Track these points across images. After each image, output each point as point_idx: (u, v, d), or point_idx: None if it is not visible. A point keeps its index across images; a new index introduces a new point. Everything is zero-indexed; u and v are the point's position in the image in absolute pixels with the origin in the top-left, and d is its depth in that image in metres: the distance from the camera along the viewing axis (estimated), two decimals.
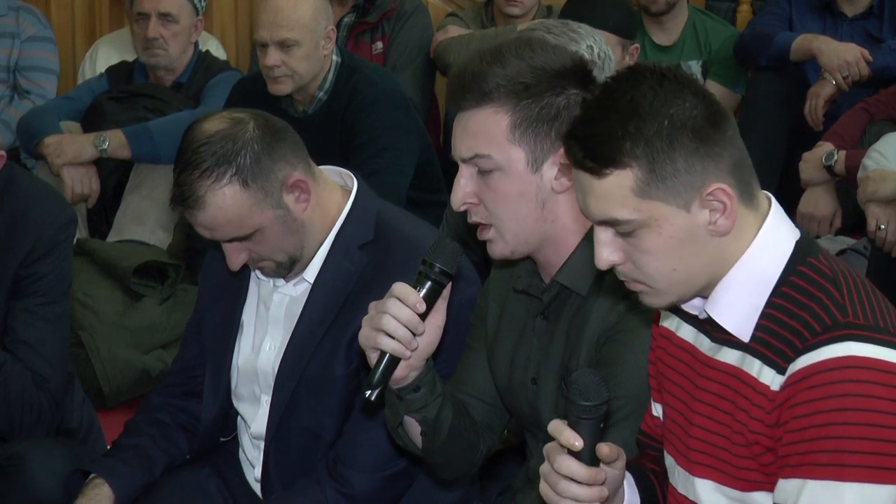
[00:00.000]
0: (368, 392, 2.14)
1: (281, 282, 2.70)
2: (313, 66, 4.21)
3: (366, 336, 2.16)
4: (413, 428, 2.33)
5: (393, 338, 2.14)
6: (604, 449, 1.85)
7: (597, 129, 1.82)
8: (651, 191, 1.81)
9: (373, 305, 2.17)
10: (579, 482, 1.85)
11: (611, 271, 2.24)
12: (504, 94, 2.20)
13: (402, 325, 2.13)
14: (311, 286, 2.66)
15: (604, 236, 1.87)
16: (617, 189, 1.82)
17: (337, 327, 2.62)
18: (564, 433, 1.85)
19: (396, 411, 2.30)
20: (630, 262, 1.87)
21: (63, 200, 2.97)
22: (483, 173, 2.24)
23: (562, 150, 2.21)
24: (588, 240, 2.27)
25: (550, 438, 1.90)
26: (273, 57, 4.13)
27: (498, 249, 2.29)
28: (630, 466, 2.00)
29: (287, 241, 2.60)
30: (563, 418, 1.88)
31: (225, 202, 2.54)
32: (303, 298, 2.67)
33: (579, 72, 2.25)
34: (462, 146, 2.25)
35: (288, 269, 2.64)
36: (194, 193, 2.53)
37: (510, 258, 2.33)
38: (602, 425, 1.87)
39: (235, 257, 2.60)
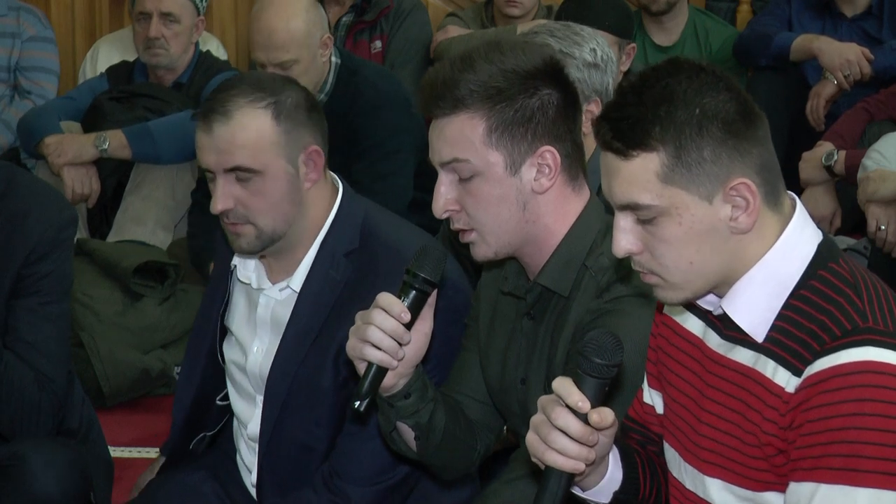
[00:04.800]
0: (357, 403, 2.14)
1: (267, 284, 2.67)
2: (313, 78, 4.21)
3: (352, 347, 2.17)
4: (407, 433, 2.34)
5: (379, 348, 2.14)
6: (594, 416, 1.84)
7: (628, 112, 1.83)
8: (675, 177, 1.81)
9: (359, 316, 2.18)
10: (571, 437, 1.85)
11: (588, 272, 2.26)
12: (478, 100, 2.21)
13: (388, 335, 2.14)
14: (297, 294, 2.62)
15: (624, 223, 1.87)
16: (642, 172, 1.82)
17: (323, 338, 2.60)
18: (573, 395, 1.84)
19: (389, 418, 2.31)
20: (647, 252, 1.87)
21: (64, 200, 2.96)
22: (463, 180, 2.25)
23: (539, 151, 2.24)
24: (567, 240, 2.29)
25: None
26: None
27: (481, 252, 2.30)
28: (616, 442, 1.99)
29: (282, 205, 2.55)
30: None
31: (251, 123, 2.50)
32: (288, 303, 2.64)
33: (550, 71, 2.26)
34: (441, 152, 2.26)
35: (264, 243, 2.58)
36: (224, 105, 2.51)
37: (493, 259, 2.34)
38: (607, 389, 1.87)
39: (223, 199, 2.53)
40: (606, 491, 2.00)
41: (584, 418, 1.84)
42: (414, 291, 2.15)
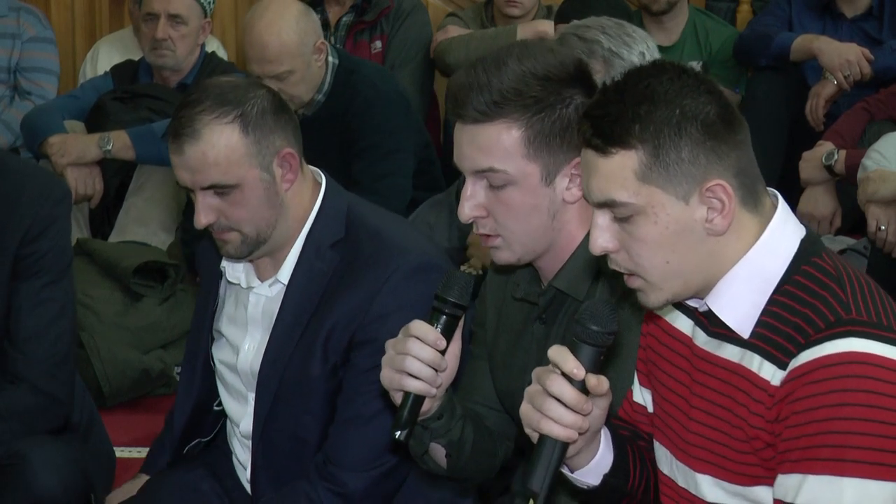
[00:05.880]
0: (398, 433, 2.13)
1: (256, 282, 2.68)
2: (310, 85, 4.23)
3: (389, 378, 2.14)
4: (438, 452, 2.33)
5: (417, 378, 2.12)
6: (591, 380, 1.85)
7: (609, 110, 1.85)
8: (653, 176, 1.83)
9: (390, 344, 2.15)
10: (566, 405, 1.86)
11: (602, 277, 2.26)
12: (515, 109, 2.18)
13: (426, 364, 2.11)
14: (285, 287, 2.64)
15: (601, 221, 1.89)
16: (620, 170, 1.84)
17: (312, 328, 2.61)
18: (569, 362, 1.85)
19: (422, 440, 2.29)
20: (624, 251, 1.89)
21: (54, 177, 2.96)
22: (494, 187, 2.22)
23: (574, 161, 2.21)
24: (585, 244, 2.25)
25: None
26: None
27: (504, 257, 2.28)
28: (608, 426, 2.01)
29: (263, 211, 2.57)
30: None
31: (220, 141, 2.51)
32: (278, 299, 2.66)
33: (581, 76, 2.24)
34: (474, 159, 2.21)
35: (251, 248, 2.61)
36: (192, 125, 2.51)
37: (514, 265, 2.32)
38: (602, 359, 1.88)
39: (205, 213, 2.55)
40: (596, 472, 2.01)
41: (579, 386, 1.86)
42: (445, 317, 2.13)
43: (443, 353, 2.13)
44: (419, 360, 2.10)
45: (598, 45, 2.91)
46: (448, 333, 2.13)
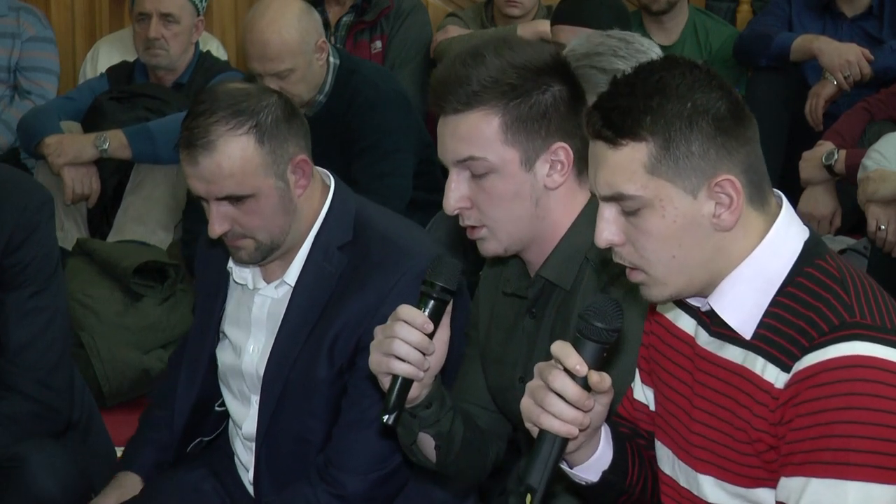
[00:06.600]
0: (386, 417, 2.14)
1: (262, 283, 2.68)
2: (311, 84, 4.23)
3: (377, 362, 2.15)
4: (427, 444, 2.33)
5: (405, 361, 2.13)
6: (594, 376, 1.86)
7: (620, 102, 1.85)
8: (662, 169, 1.83)
9: (379, 330, 2.16)
10: (567, 401, 1.86)
11: (589, 265, 2.27)
12: (493, 97, 2.21)
13: (413, 347, 2.13)
14: (292, 289, 2.64)
15: (608, 214, 1.89)
16: (629, 162, 1.84)
17: (319, 330, 2.61)
18: (571, 357, 1.86)
19: (411, 429, 2.29)
20: (629, 244, 1.88)
21: (35, 182, 2.93)
22: (476, 176, 2.24)
23: (553, 147, 2.25)
24: (571, 234, 2.29)
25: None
26: (271, 86, 4.12)
27: (490, 248, 2.30)
28: (608, 423, 2.01)
29: (277, 219, 2.57)
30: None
31: (235, 152, 2.50)
32: (284, 300, 2.65)
33: (559, 66, 2.27)
34: (455, 150, 2.24)
35: (264, 254, 2.61)
36: (207, 136, 2.48)
37: (502, 256, 2.33)
38: (605, 356, 1.88)
39: (219, 223, 2.54)
40: (596, 468, 2.02)
41: (581, 382, 1.86)
42: (433, 301, 2.14)
43: (430, 336, 2.14)
44: (406, 342, 2.12)
45: (618, 73, 2.88)
46: (436, 318, 2.14)
